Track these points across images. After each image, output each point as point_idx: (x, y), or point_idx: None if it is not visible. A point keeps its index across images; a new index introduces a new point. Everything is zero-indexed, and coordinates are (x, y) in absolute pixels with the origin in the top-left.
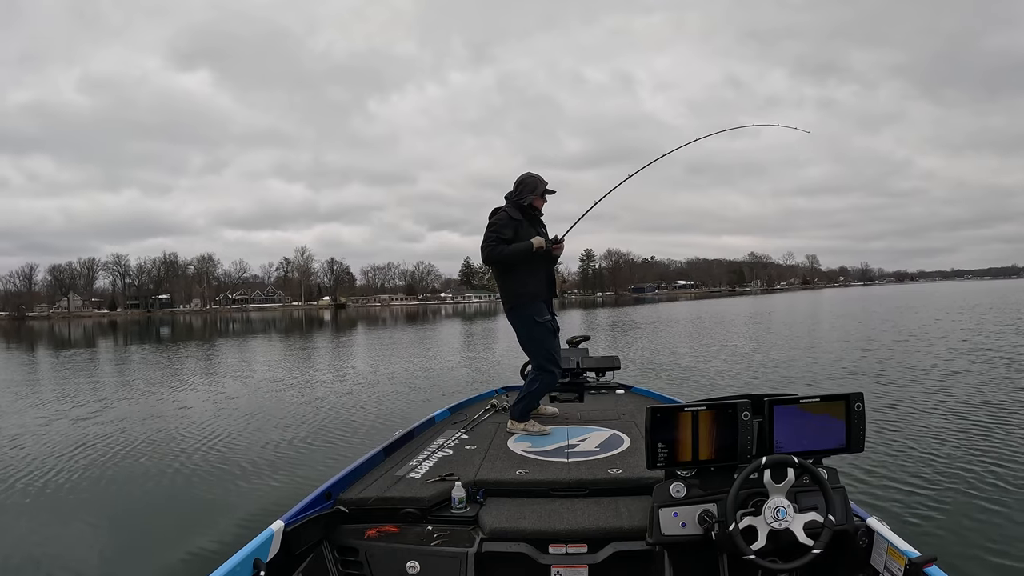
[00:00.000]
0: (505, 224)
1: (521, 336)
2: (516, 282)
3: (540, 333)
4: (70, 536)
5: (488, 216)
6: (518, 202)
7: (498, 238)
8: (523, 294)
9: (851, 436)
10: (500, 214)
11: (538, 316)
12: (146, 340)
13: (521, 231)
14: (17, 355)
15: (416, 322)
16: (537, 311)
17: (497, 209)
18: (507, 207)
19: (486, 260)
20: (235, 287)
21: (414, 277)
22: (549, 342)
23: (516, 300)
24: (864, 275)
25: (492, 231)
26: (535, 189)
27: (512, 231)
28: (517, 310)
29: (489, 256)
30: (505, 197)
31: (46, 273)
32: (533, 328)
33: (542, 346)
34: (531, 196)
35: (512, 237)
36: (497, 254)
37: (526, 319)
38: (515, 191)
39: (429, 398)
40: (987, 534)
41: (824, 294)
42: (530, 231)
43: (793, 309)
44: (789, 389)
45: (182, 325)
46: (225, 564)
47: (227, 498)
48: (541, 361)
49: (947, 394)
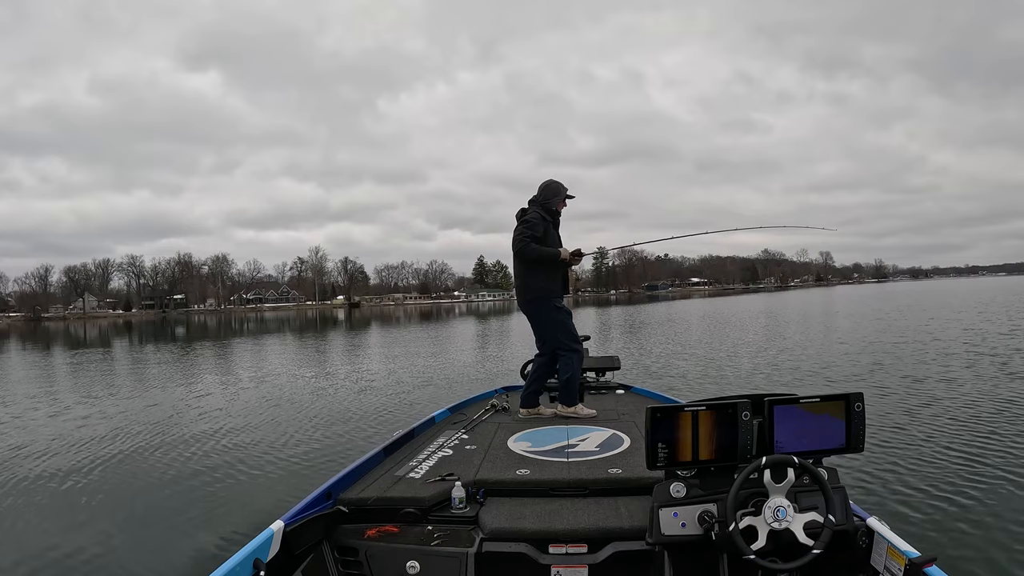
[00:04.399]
0: (538, 223)
1: (543, 323)
2: (538, 277)
3: (562, 316)
4: (70, 535)
5: (516, 215)
6: (546, 206)
7: (532, 236)
8: (543, 288)
9: (851, 436)
10: (533, 214)
11: (557, 303)
12: (160, 340)
13: (549, 231)
14: (28, 356)
15: (429, 321)
16: (557, 301)
17: (526, 209)
18: (537, 208)
19: (518, 253)
20: (249, 287)
21: (427, 276)
22: (571, 325)
23: (537, 293)
24: (878, 272)
25: (527, 228)
26: (558, 193)
27: (543, 230)
28: (537, 302)
29: (522, 251)
30: (531, 201)
31: (61, 274)
32: (555, 313)
33: (565, 327)
34: (556, 200)
35: (542, 236)
36: (530, 251)
37: (547, 307)
38: (541, 195)
39: (430, 398)
40: (987, 534)
41: (837, 291)
42: (555, 234)
43: (804, 307)
44: (790, 388)
45: (196, 325)
46: (225, 564)
47: (227, 498)
48: (567, 341)
49: (948, 394)
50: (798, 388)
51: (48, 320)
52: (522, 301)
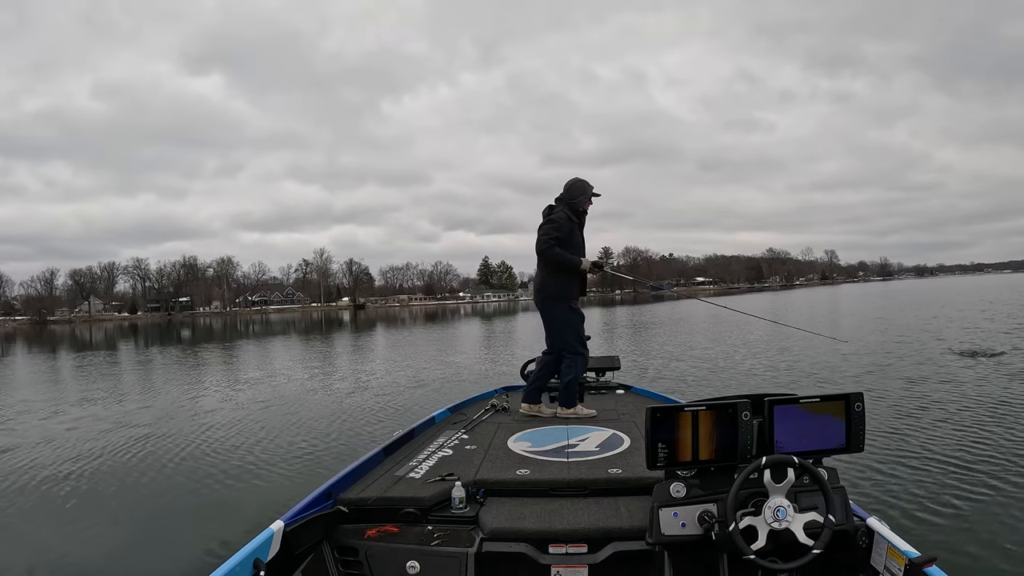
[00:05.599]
0: (564, 224)
1: (554, 322)
2: (557, 277)
3: (574, 318)
4: (69, 536)
5: (542, 213)
6: (572, 205)
7: (557, 237)
8: (560, 288)
9: (851, 436)
10: (559, 214)
11: (573, 304)
12: (165, 342)
13: (575, 232)
14: (34, 359)
15: (434, 322)
16: (573, 303)
17: (552, 207)
18: (563, 208)
19: (541, 254)
20: (254, 289)
21: (432, 277)
22: (580, 327)
23: (553, 292)
24: (883, 270)
25: (552, 228)
26: (584, 192)
27: (568, 231)
28: (552, 301)
29: (545, 252)
30: (557, 199)
31: (67, 278)
32: (568, 314)
33: (575, 330)
34: (582, 199)
35: (566, 237)
36: (552, 255)
37: (562, 308)
38: (567, 194)
39: (430, 398)
40: (987, 534)
41: (842, 289)
42: (580, 234)
43: (809, 306)
44: (790, 388)
45: (202, 327)
46: (225, 564)
47: (227, 498)
48: (574, 343)
49: (948, 394)
50: (798, 388)
51: (54, 323)
52: (538, 299)
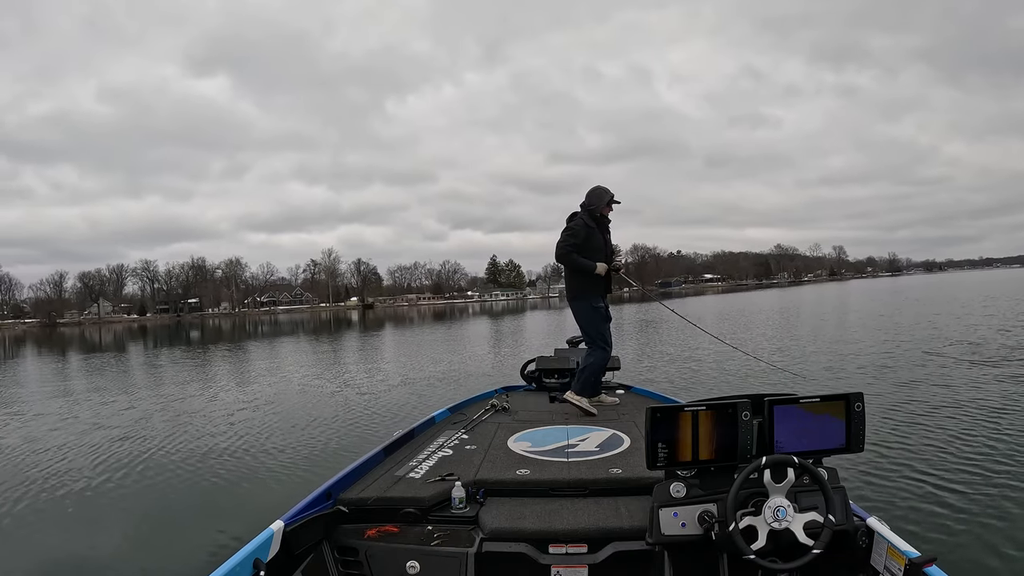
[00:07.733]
0: (579, 230)
1: (581, 319)
2: (578, 279)
3: (596, 317)
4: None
5: (566, 220)
6: (591, 212)
7: (573, 243)
8: (583, 288)
9: (851, 436)
10: (577, 221)
11: (595, 304)
12: (175, 343)
13: (593, 237)
14: (43, 361)
15: (442, 321)
16: (594, 300)
17: (575, 214)
18: (583, 214)
19: (558, 259)
20: (263, 290)
21: (440, 276)
22: (602, 325)
23: (576, 292)
24: (892, 265)
25: (568, 236)
26: (601, 199)
27: (584, 237)
28: (579, 300)
29: (562, 258)
30: (580, 206)
31: (76, 280)
32: (591, 312)
33: (596, 328)
34: (599, 205)
35: (583, 242)
36: (568, 261)
37: (585, 306)
38: (586, 200)
39: (430, 398)
40: (987, 534)
41: (851, 285)
42: (599, 237)
43: (817, 303)
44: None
45: (211, 328)
46: (225, 564)
47: (227, 498)
48: (596, 339)
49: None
50: (797, 388)
51: (64, 326)
52: (568, 298)
